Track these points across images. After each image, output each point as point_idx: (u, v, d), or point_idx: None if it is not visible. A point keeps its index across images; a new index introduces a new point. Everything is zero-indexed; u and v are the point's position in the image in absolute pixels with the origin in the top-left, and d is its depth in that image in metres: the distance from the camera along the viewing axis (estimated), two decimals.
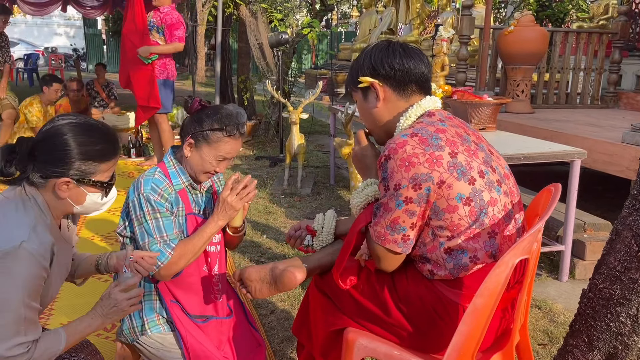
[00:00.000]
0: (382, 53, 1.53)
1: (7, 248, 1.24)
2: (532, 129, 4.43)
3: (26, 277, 1.26)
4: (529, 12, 5.15)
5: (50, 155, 1.35)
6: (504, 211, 1.45)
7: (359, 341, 1.57)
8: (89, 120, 1.43)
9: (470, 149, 1.45)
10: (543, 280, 3.17)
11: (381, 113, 1.56)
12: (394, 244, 1.44)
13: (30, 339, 1.28)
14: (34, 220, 1.32)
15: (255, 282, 1.72)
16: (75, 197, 1.40)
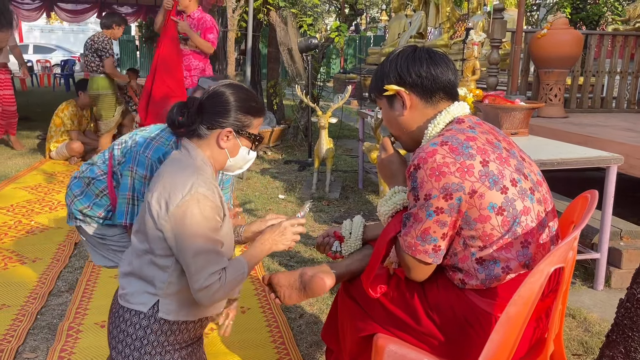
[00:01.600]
0: (409, 60, 1.50)
1: (184, 194, 1.48)
2: (565, 134, 4.34)
3: (206, 215, 1.49)
4: (562, 15, 5.05)
5: (214, 108, 1.61)
6: (537, 220, 1.42)
7: (388, 347, 1.56)
8: (243, 85, 1.70)
9: (502, 156, 1.42)
10: (577, 289, 3.10)
11: (408, 121, 1.54)
12: (424, 254, 1.42)
13: (221, 267, 1.50)
14: (202, 173, 1.55)
15: (285, 288, 1.73)
16: (232, 148, 1.64)
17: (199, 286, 1.48)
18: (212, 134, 1.61)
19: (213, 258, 1.50)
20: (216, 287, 1.48)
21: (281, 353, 2.35)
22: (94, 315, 2.64)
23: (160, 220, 1.50)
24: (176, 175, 1.52)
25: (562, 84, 5.15)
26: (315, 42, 5.68)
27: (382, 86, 1.54)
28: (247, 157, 1.70)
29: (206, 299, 1.50)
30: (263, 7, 6.36)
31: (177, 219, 1.47)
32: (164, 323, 1.56)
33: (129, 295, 1.58)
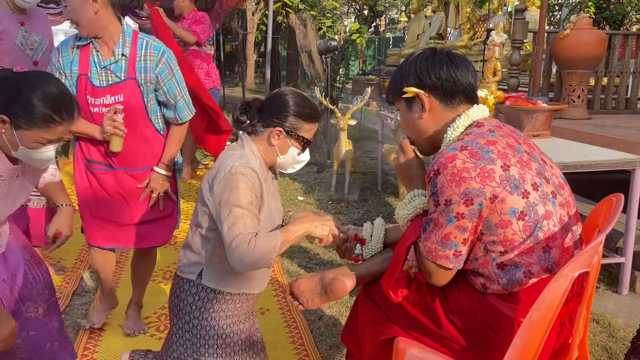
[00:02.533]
0: (428, 62, 1.49)
1: (227, 174, 1.65)
2: (589, 136, 4.26)
3: (243, 189, 1.63)
4: (585, 15, 4.98)
5: (272, 108, 1.75)
6: (559, 224, 1.40)
7: (409, 351, 1.55)
8: (303, 93, 1.81)
9: (523, 160, 1.40)
10: (602, 294, 3.05)
11: (427, 124, 1.53)
12: (445, 259, 1.41)
13: (252, 232, 1.58)
14: (245, 158, 1.70)
15: (307, 293, 1.73)
16: (282, 147, 1.76)
17: (229, 246, 1.57)
18: (266, 132, 1.75)
19: (245, 222, 1.60)
20: (244, 249, 1.55)
21: (301, 354, 2.35)
22: (117, 317, 2.68)
23: (205, 199, 1.70)
24: (223, 161, 1.71)
25: (585, 85, 5.07)
26: (334, 44, 5.68)
27: (401, 88, 1.53)
28: (297, 158, 1.80)
29: (238, 261, 1.57)
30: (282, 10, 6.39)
31: (217, 195, 1.65)
32: (210, 291, 1.74)
33: (183, 266, 1.79)
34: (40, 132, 1.55)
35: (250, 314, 1.88)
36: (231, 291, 1.77)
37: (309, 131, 1.79)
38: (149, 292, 2.82)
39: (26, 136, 1.55)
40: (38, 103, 1.52)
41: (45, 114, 1.53)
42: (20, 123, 1.53)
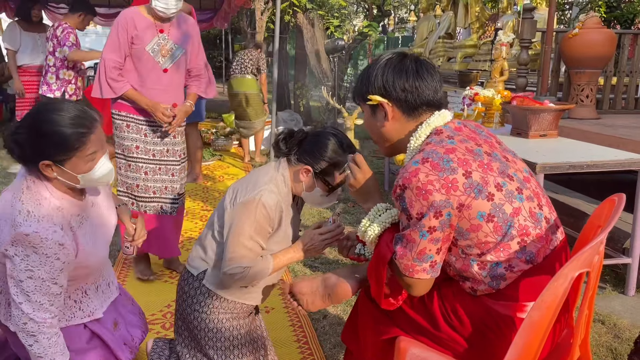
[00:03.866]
0: (395, 72, 1.49)
1: (250, 197, 1.73)
2: (597, 136, 4.23)
3: (257, 219, 1.72)
4: (595, 14, 4.94)
5: (311, 147, 1.80)
6: (530, 217, 1.42)
7: (411, 350, 1.55)
8: (349, 140, 1.85)
9: (484, 163, 1.41)
10: (608, 294, 3.03)
11: (389, 132, 1.56)
12: (423, 272, 1.42)
13: (249, 265, 1.72)
14: (274, 186, 1.77)
15: (308, 295, 1.74)
16: (307, 185, 1.82)
17: (225, 270, 1.73)
18: (298, 165, 1.81)
19: (246, 254, 1.73)
20: (237, 277, 1.73)
21: (305, 352, 2.37)
22: None
23: (227, 205, 1.79)
24: (257, 179, 1.80)
25: (594, 85, 5.03)
26: (341, 44, 5.69)
27: (366, 94, 1.54)
28: (320, 199, 1.85)
29: (228, 282, 1.77)
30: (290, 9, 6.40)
31: (236, 212, 1.74)
32: (211, 292, 1.83)
33: (191, 259, 1.90)
34: (81, 152, 1.58)
35: (250, 312, 1.91)
36: (228, 298, 1.85)
37: (337, 178, 1.82)
38: (154, 291, 2.85)
39: (74, 164, 1.59)
40: (59, 130, 1.55)
41: (72, 133, 1.56)
42: (61, 158, 1.57)
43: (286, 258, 1.83)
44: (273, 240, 1.82)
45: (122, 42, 2.87)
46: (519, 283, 1.42)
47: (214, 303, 1.83)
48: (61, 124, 1.55)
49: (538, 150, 3.06)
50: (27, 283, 1.53)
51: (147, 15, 2.95)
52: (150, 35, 2.92)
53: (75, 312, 1.73)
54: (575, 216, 3.65)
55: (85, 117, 1.60)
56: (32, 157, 1.57)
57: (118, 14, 3.03)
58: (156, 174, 3.04)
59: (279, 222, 1.80)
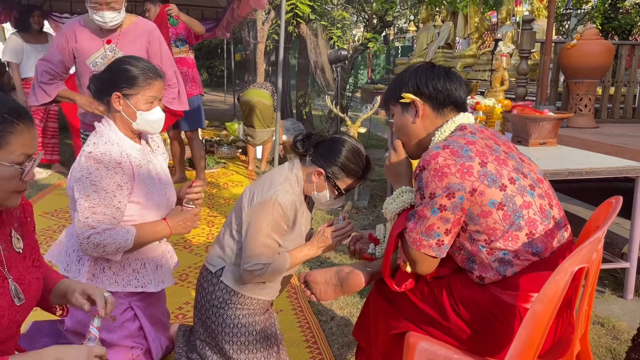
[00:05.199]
0: (428, 74, 1.65)
1: (267, 197, 1.84)
2: (595, 144, 4.33)
3: (274, 218, 1.82)
4: (592, 26, 5.06)
5: (326, 151, 1.90)
6: (540, 212, 1.53)
7: (420, 345, 1.64)
8: (361, 147, 1.95)
9: (500, 158, 1.54)
10: (607, 298, 3.11)
11: (418, 128, 1.68)
12: (428, 248, 1.53)
13: (267, 262, 1.83)
14: (289, 186, 1.88)
15: (321, 285, 1.82)
16: (318, 186, 1.92)
17: (246, 267, 1.84)
18: (311, 167, 1.91)
19: (264, 252, 1.83)
20: (257, 274, 1.84)
21: (314, 352, 2.44)
22: None
23: (245, 205, 1.89)
24: (272, 179, 1.91)
25: (592, 94, 5.14)
26: (344, 54, 5.79)
27: (399, 93, 1.68)
28: (329, 201, 1.95)
29: (247, 278, 1.86)
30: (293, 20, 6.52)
31: (254, 211, 1.85)
32: (229, 288, 1.93)
33: (209, 257, 2.01)
34: (144, 91, 1.96)
35: (266, 309, 2.00)
36: (245, 294, 1.93)
37: (348, 184, 1.93)
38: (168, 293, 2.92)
39: (137, 101, 1.96)
40: (132, 68, 1.95)
41: (142, 74, 1.95)
42: (129, 92, 1.95)
43: (302, 254, 1.93)
44: (288, 238, 1.91)
45: (60, 50, 2.77)
46: (525, 274, 1.52)
47: (231, 299, 1.92)
48: (135, 66, 1.96)
49: (538, 157, 3.15)
50: (92, 197, 1.86)
51: (93, 25, 2.78)
52: (95, 46, 2.79)
53: (131, 280, 2.01)
54: (574, 222, 3.72)
55: (154, 68, 2.01)
56: (108, 88, 1.96)
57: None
58: None
59: (293, 221, 1.90)
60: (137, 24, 2.94)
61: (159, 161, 2.16)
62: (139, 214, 2.00)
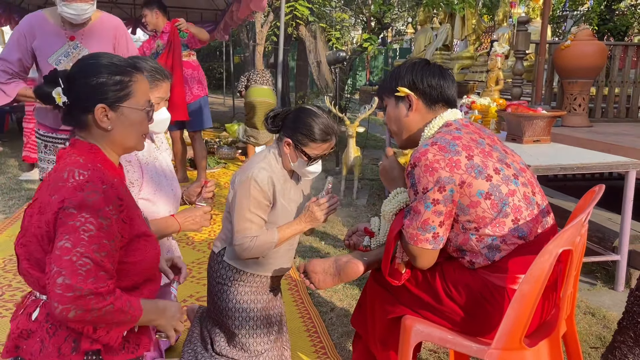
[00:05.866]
0: (423, 70, 1.75)
1: (244, 177, 1.97)
2: (589, 142, 4.43)
3: (252, 194, 1.96)
4: (586, 27, 5.17)
5: (291, 122, 2.02)
6: (524, 199, 1.63)
7: (415, 327, 1.73)
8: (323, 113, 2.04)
9: (485, 150, 1.64)
10: (599, 290, 3.20)
11: (410, 122, 1.78)
12: (425, 242, 1.63)
13: (254, 234, 1.96)
14: (265, 164, 2.01)
15: (320, 274, 1.91)
16: (291, 156, 2.02)
17: (235, 243, 1.99)
18: (284, 140, 2.02)
19: (248, 227, 1.98)
20: (246, 247, 1.97)
21: (315, 341, 2.53)
22: None
23: (230, 189, 2.04)
24: (253, 159, 2.06)
25: (586, 94, 5.25)
26: (343, 55, 5.90)
27: (395, 86, 1.77)
28: (306, 169, 2.03)
29: (241, 254, 2.00)
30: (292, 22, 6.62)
31: (235, 191, 2.00)
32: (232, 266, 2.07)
33: (215, 239, 2.18)
34: (152, 91, 1.96)
35: (269, 290, 2.13)
36: (245, 270, 2.08)
37: (315, 149, 2.00)
38: None
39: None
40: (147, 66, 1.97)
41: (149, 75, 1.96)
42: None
43: (290, 229, 2.03)
44: (274, 213, 2.03)
45: (18, 48, 2.59)
46: (512, 257, 1.61)
47: (234, 276, 2.08)
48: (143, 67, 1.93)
49: (532, 154, 3.25)
50: None
51: (54, 20, 2.61)
52: (58, 43, 2.61)
53: None
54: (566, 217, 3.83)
55: (161, 69, 2.05)
56: None
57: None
58: None
59: (273, 196, 2.00)
60: (103, 19, 2.76)
61: (164, 157, 2.24)
62: (149, 210, 2.07)
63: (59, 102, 1.37)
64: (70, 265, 1.20)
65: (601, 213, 3.84)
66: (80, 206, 1.26)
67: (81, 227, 1.24)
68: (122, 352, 1.36)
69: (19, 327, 1.37)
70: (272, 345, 2.09)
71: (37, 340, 1.32)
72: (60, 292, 1.18)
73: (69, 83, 1.38)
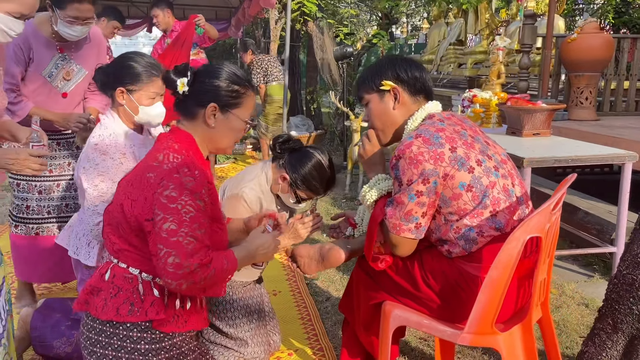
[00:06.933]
0: (406, 64, 1.79)
1: (234, 193, 2.04)
2: (593, 135, 4.42)
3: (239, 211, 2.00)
4: (593, 19, 5.13)
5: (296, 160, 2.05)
6: (504, 191, 1.66)
7: (394, 312, 1.79)
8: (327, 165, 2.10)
9: (467, 142, 1.67)
10: (595, 282, 3.22)
11: (396, 115, 1.80)
12: (408, 232, 1.67)
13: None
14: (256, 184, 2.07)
15: (305, 258, 1.98)
16: (283, 189, 2.06)
17: None
18: (281, 170, 2.07)
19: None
20: None
21: (307, 328, 2.60)
22: None
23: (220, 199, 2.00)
24: (243, 176, 2.11)
25: (593, 87, 5.21)
26: (350, 51, 5.94)
27: (378, 81, 1.80)
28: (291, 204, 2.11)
29: None
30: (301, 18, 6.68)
31: (223, 204, 2.05)
32: None
33: None
34: (146, 87, 2.07)
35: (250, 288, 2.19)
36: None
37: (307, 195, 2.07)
38: None
39: (140, 97, 2.07)
40: (136, 65, 2.05)
41: (145, 71, 2.05)
42: (132, 87, 2.06)
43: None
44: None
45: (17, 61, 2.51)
46: (487, 248, 1.65)
47: None
48: (139, 63, 2.06)
49: (529, 147, 3.27)
50: (100, 186, 2.00)
51: (45, 31, 2.54)
52: (49, 55, 2.56)
53: None
54: (568, 211, 3.84)
55: (157, 65, 2.11)
56: (112, 82, 2.07)
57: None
58: (52, 192, 2.71)
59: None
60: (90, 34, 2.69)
61: None
62: None
63: (180, 89, 1.57)
64: (178, 245, 1.38)
65: (602, 206, 3.84)
66: (179, 189, 1.42)
67: (182, 209, 1.41)
68: (170, 324, 1.52)
69: (92, 284, 1.58)
70: (255, 332, 2.15)
71: (102, 298, 1.52)
72: (172, 270, 1.36)
73: (194, 77, 1.58)
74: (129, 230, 1.51)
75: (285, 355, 2.37)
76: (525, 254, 1.62)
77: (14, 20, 1.65)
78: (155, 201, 1.42)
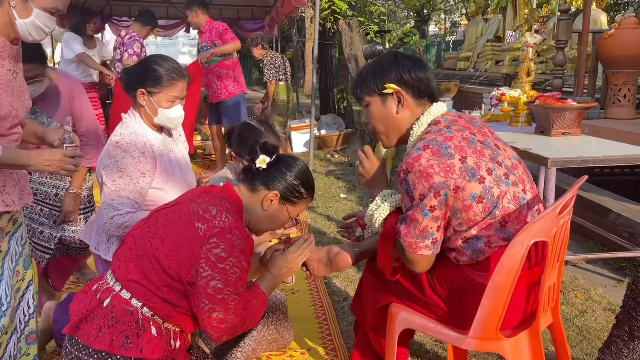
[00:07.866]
0: (410, 65, 1.69)
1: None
2: (630, 135, 4.25)
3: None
4: (632, 14, 4.94)
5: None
6: (514, 200, 1.59)
7: (400, 314, 1.78)
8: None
9: (477, 150, 1.59)
10: (624, 286, 3.08)
11: (401, 119, 1.71)
12: (425, 249, 1.60)
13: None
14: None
15: (314, 262, 1.98)
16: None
17: None
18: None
19: None
20: None
21: (322, 328, 2.60)
22: None
23: None
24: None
25: (631, 84, 5.01)
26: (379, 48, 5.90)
27: (380, 84, 1.71)
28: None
29: None
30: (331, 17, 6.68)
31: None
32: None
33: None
34: (167, 90, 2.10)
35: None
36: None
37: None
38: None
39: (159, 99, 2.12)
40: (159, 68, 2.10)
41: (166, 74, 2.09)
42: (152, 90, 2.10)
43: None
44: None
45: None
46: (494, 256, 1.60)
47: None
48: (162, 66, 2.10)
49: (556, 146, 3.17)
50: (118, 182, 2.06)
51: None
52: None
53: None
54: (598, 212, 3.72)
55: (179, 69, 2.15)
56: (135, 83, 2.12)
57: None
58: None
59: None
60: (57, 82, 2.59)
61: (179, 149, 2.36)
62: (160, 197, 2.20)
63: (259, 164, 1.70)
64: (223, 303, 1.51)
65: (635, 207, 3.69)
66: (230, 250, 1.52)
67: (230, 270, 1.52)
68: None
69: (88, 309, 1.57)
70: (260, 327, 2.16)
71: (96, 326, 1.53)
72: (216, 324, 1.52)
73: (276, 162, 1.72)
74: (155, 268, 1.54)
75: (298, 354, 2.39)
76: (535, 261, 1.57)
77: (49, 17, 1.69)
78: (203, 256, 1.50)
